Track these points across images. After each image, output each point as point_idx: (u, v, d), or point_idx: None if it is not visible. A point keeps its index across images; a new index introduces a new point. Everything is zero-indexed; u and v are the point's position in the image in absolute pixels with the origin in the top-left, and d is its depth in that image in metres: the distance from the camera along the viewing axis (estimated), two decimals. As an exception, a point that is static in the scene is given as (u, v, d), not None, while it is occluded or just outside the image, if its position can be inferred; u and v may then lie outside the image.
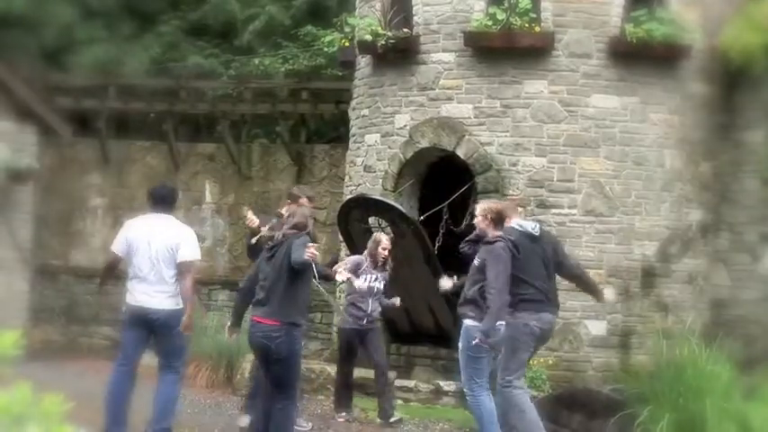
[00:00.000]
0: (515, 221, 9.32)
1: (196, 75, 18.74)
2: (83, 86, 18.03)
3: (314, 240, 8.26)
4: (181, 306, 8.52)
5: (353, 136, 13.99)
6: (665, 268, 12.56)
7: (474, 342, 8.45)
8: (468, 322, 8.61)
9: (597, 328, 12.14)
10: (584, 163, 12.26)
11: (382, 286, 10.59)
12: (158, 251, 8.60)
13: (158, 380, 8.67)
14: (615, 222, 12.30)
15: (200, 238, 17.13)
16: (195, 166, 17.56)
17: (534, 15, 12.18)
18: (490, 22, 12.23)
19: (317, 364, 12.50)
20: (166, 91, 18.04)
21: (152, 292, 8.61)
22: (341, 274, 9.30)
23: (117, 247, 8.89)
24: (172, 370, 8.72)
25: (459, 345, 8.70)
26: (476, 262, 8.62)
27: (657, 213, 12.52)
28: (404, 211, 11.81)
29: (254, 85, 17.80)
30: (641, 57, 12.33)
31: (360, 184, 13.44)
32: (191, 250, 8.58)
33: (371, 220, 12.08)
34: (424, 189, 13.23)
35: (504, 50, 12.27)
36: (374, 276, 10.47)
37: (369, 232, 11.60)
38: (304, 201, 9.74)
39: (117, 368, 8.76)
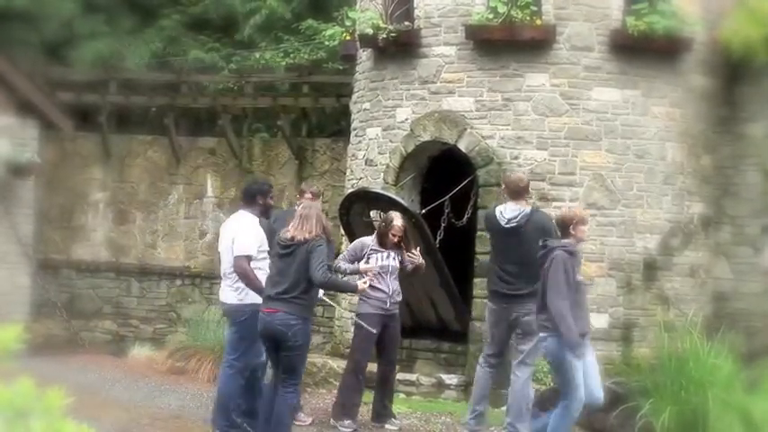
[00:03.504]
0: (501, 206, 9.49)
1: (197, 69, 18.76)
2: (84, 81, 18.04)
3: (329, 239, 8.41)
4: (243, 301, 8.75)
5: (355, 129, 13.98)
6: (667, 261, 12.56)
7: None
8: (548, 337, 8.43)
9: (599, 321, 12.13)
10: (585, 156, 12.25)
11: (398, 264, 9.90)
12: (224, 246, 8.90)
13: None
14: (617, 215, 12.30)
15: (201, 233, 17.30)
16: (196, 160, 17.56)
17: (535, 8, 12.17)
18: (491, 16, 12.21)
19: (320, 358, 12.49)
20: (167, 85, 18.06)
21: (222, 286, 9.00)
22: (364, 283, 9.10)
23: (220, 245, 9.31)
24: (226, 363, 8.89)
25: (591, 358, 8.46)
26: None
27: (659, 206, 12.52)
28: (405, 204, 11.79)
29: (256, 79, 17.81)
30: (642, 49, 12.31)
31: (361, 178, 13.44)
32: (238, 244, 8.71)
33: (373, 213, 12.07)
34: (425, 182, 13.23)
35: (506, 44, 12.25)
36: (385, 254, 9.81)
37: (370, 226, 11.58)
38: (308, 196, 9.77)
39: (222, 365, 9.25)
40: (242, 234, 8.75)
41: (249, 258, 8.65)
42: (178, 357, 12.54)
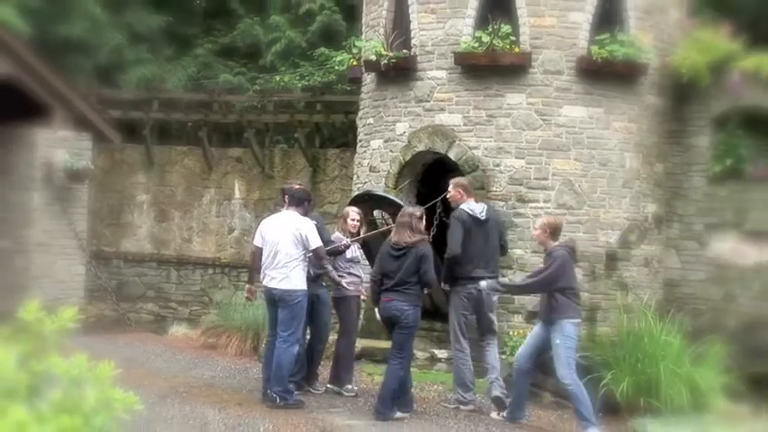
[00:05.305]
0: (466, 205, 9.56)
1: (226, 90, 18.75)
2: (130, 100, 18.04)
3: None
4: (296, 287, 8.89)
5: (360, 141, 13.96)
6: (626, 253, 12.54)
7: (482, 286, 8.91)
8: (564, 321, 8.48)
9: (568, 304, 12.11)
10: (556, 164, 12.23)
11: (355, 249, 10.10)
12: (279, 239, 8.94)
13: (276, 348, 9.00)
14: (583, 214, 12.28)
15: (230, 229, 17.28)
16: (226, 167, 17.55)
17: (514, 38, 12.15)
18: (476, 44, 12.20)
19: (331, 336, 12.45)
20: (201, 103, 18.05)
21: (272, 275, 8.99)
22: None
23: (255, 240, 9.37)
24: (281, 339, 8.94)
25: (557, 341, 8.46)
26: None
27: (619, 207, 12.50)
28: (404, 205, 11.76)
29: (276, 99, 17.78)
30: (605, 73, 12.29)
31: (366, 182, 13.42)
32: (313, 237, 8.96)
33: (376, 213, 12.05)
34: (420, 186, 13.20)
35: (489, 68, 12.23)
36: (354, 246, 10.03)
37: (373, 224, 11.55)
38: (296, 185, 9.91)
39: (268, 339, 9.41)
40: (312, 230, 9.04)
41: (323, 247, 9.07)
42: (210, 335, 12.53)
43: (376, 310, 9.01)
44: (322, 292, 9.61)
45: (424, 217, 9.17)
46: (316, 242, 8.97)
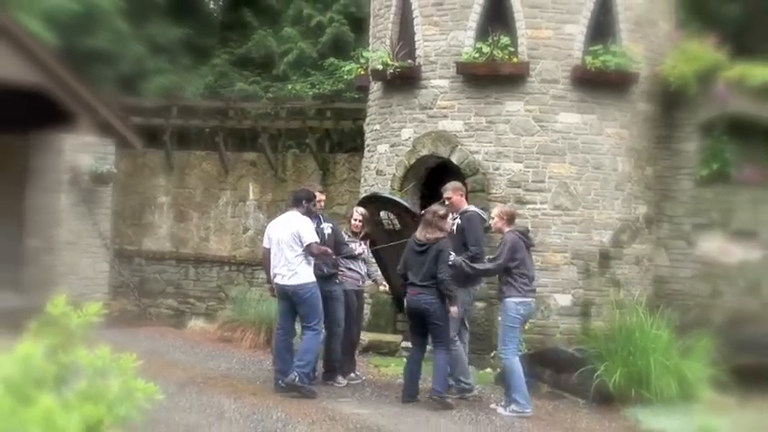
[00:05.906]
0: (473, 207, 9.62)
1: (242, 97, 18.77)
2: (151, 107, 18.07)
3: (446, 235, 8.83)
4: (305, 281, 8.94)
5: (368, 146, 13.97)
6: (618, 252, 12.53)
7: (450, 260, 8.72)
8: (506, 300, 8.63)
9: (563, 300, 12.12)
10: (553, 167, 12.22)
11: (365, 252, 10.19)
12: (283, 239, 9.00)
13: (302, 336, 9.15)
14: (578, 215, 12.27)
15: (245, 229, 17.30)
16: (241, 170, 17.56)
17: (513, 49, 12.15)
18: (477, 55, 12.20)
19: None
20: (218, 111, 18.07)
21: (283, 272, 9.05)
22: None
23: (264, 242, 9.42)
24: (308, 329, 9.05)
25: (500, 318, 8.66)
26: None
27: (612, 208, 12.49)
28: (408, 206, 11.77)
29: (288, 106, 17.78)
30: (598, 82, 12.28)
31: (373, 185, 13.42)
32: (307, 234, 8.99)
33: (382, 214, 12.05)
34: (424, 189, 13.20)
35: (489, 77, 12.23)
36: (358, 243, 10.12)
37: (380, 224, 11.56)
38: (319, 189, 10.02)
39: (276, 332, 9.42)
40: (306, 227, 9.09)
41: (316, 242, 9.08)
42: (226, 329, 12.55)
43: (405, 301, 9.06)
44: (335, 289, 9.64)
45: (449, 216, 9.16)
46: (307, 239, 8.99)
